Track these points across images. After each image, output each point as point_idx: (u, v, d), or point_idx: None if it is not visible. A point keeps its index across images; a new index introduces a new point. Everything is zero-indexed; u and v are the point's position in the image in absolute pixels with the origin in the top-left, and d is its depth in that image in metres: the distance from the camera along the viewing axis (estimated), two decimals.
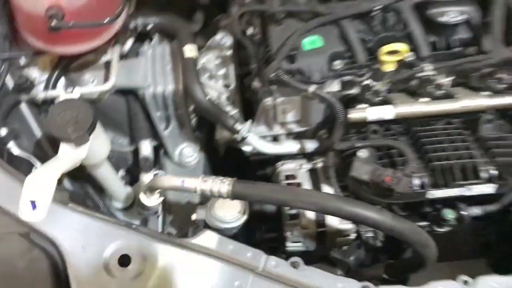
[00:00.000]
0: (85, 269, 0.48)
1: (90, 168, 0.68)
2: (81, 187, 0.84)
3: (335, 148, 0.69)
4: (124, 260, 0.50)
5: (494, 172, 0.65)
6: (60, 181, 0.53)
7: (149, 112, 0.79)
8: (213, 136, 0.85)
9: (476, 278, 0.53)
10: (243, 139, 0.75)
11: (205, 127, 0.90)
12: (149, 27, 0.77)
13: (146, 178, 0.81)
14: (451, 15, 0.66)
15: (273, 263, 0.55)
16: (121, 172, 0.86)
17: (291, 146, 0.78)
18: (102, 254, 0.50)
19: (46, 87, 0.76)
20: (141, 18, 0.77)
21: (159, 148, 0.87)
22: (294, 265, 0.55)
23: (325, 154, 0.76)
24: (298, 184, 0.74)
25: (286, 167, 0.77)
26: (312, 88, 0.66)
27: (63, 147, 0.57)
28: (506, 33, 0.67)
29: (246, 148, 0.81)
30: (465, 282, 0.55)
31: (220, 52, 0.83)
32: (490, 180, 0.65)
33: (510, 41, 0.67)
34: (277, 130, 0.79)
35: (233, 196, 0.60)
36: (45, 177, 0.51)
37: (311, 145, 0.78)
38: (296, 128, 0.79)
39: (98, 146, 0.62)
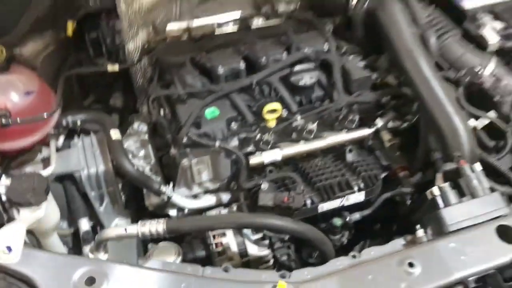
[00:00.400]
0: None
1: (42, 236, 0.79)
2: None
3: (243, 187, 0.88)
4: (91, 281, 0.62)
5: (361, 183, 0.88)
6: None
7: (86, 192, 0.92)
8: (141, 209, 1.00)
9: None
10: (169, 198, 0.91)
11: (133, 205, 1.04)
12: (78, 123, 0.94)
13: (88, 249, 0.92)
14: (306, 80, 0.92)
15: (209, 271, 0.69)
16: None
17: (210, 200, 0.96)
18: (71, 281, 0.62)
19: None
20: (70, 116, 0.94)
21: (96, 227, 0.99)
22: (226, 269, 0.70)
23: (237, 199, 0.94)
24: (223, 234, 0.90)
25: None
26: (218, 143, 0.86)
27: (23, 212, 0.69)
28: (346, 86, 0.94)
29: (172, 213, 0.97)
30: None
31: (139, 137, 1.02)
32: (360, 189, 0.88)
33: (350, 91, 0.94)
34: (196, 190, 0.96)
35: (169, 231, 0.75)
36: (15, 228, 0.63)
37: (225, 196, 0.97)
38: (211, 186, 0.97)
39: (51, 210, 0.75)
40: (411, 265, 0.65)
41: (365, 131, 0.94)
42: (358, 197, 0.87)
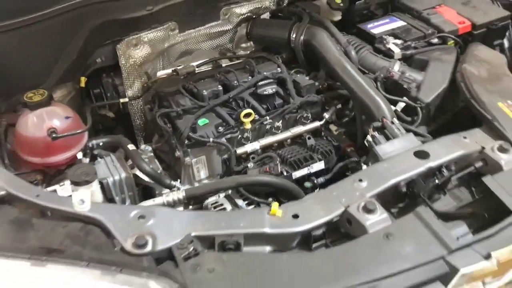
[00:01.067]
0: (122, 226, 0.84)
1: None
2: None
3: (234, 170, 1.17)
4: (141, 217, 0.87)
5: (320, 156, 1.19)
6: None
7: (112, 197, 1.17)
8: None
9: None
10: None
11: None
12: (101, 144, 1.21)
13: None
14: (269, 91, 1.26)
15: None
16: None
17: None
18: (128, 218, 0.86)
19: None
20: (94, 140, 1.21)
21: None
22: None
23: None
24: (221, 205, 1.16)
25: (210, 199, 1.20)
26: (211, 139, 1.16)
27: (81, 189, 0.94)
28: (298, 93, 1.28)
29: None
30: None
31: (146, 155, 1.29)
32: (319, 159, 1.18)
33: (301, 95, 1.27)
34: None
35: (187, 196, 1.02)
36: (83, 190, 0.89)
37: None
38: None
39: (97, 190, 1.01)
40: (360, 180, 0.95)
41: (317, 123, 1.27)
42: (319, 165, 1.17)
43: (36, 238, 0.83)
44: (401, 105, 1.25)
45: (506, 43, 1.50)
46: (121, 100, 1.31)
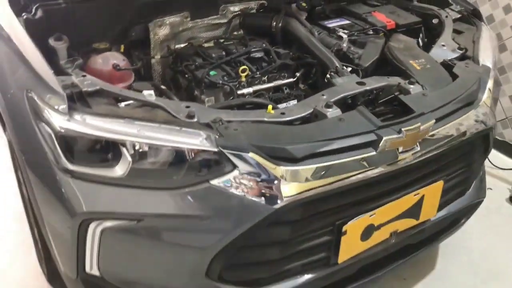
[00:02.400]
0: (175, 108, 1.34)
1: None
2: None
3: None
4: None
5: (293, 97, 1.73)
6: None
7: None
8: None
9: None
10: None
11: None
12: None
13: None
14: (258, 55, 1.80)
15: None
16: None
17: None
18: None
19: None
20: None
21: None
22: None
23: None
24: None
25: None
26: (220, 81, 1.68)
27: None
28: (278, 58, 1.83)
29: None
30: None
31: None
32: (293, 99, 1.72)
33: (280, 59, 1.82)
34: None
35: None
36: None
37: None
38: None
39: None
40: (323, 95, 1.49)
41: (291, 80, 1.81)
42: (293, 103, 1.71)
43: (123, 111, 1.31)
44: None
45: (420, 41, 2.13)
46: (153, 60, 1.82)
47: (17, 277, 2.03)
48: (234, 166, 1.27)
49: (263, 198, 1.27)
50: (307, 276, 1.51)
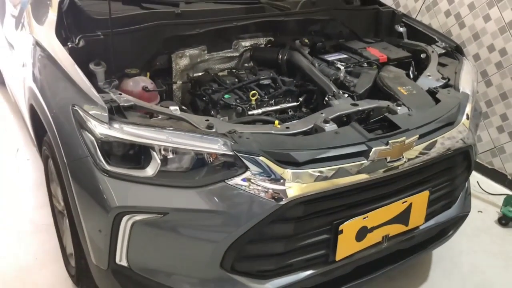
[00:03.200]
0: (197, 121, 1.59)
1: None
2: None
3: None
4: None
5: (297, 119, 1.98)
6: None
7: None
8: None
9: None
10: None
11: None
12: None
13: None
14: (266, 82, 2.07)
15: None
16: None
17: None
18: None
19: None
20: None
21: None
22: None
23: None
24: None
25: None
26: (234, 103, 1.93)
27: None
28: (283, 85, 2.09)
29: None
30: None
31: None
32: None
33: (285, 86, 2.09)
34: None
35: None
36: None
37: None
38: None
39: None
40: (322, 113, 1.74)
41: (295, 103, 2.07)
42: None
43: (154, 121, 1.57)
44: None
45: (410, 74, 2.40)
46: (175, 86, 2.09)
47: (47, 282, 2.23)
48: (247, 168, 1.51)
49: (270, 196, 1.50)
50: (308, 272, 1.71)
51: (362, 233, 1.73)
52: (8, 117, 3.73)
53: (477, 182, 3.10)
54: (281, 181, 1.51)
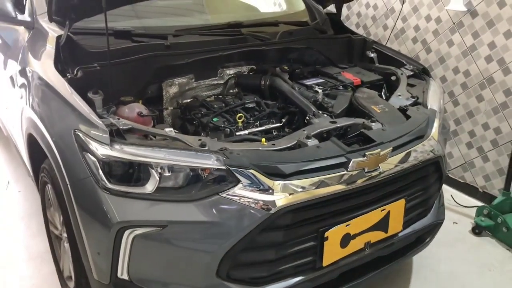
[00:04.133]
0: (190, 140, 1.73)
1: None
2: None
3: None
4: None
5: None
6: None
7: None
8: None
9: None
10: None
11: None
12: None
13: None
14: (251, 105, 2.24)
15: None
16: None
17: None
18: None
19: None
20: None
21: None
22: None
23: None
24: None
25: None
26: (222, 125, 2.09)
27: None
28: (267, 108, 2.26)
29: None
30: None
31: None
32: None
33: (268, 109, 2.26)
34: None
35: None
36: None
37: None
38: None
39: None
40: (304, 130, 1.91)
41: (278, 124, 2.23)
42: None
43: (151, 142, 1.70)
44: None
45: (383, 95, 2.59)
46: (165, 112, 2.24)
47: None
48: (238, 181, 1.65)
49: (261, 205, 1.64)
50: (298, 278, 1.84)
51: (346, 240, 1.87)
52: None
53: (451, 195, 3.28)
54: (270, 191, 1.66)
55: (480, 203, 3.19)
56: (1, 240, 2.76)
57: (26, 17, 2.46)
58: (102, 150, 1.66)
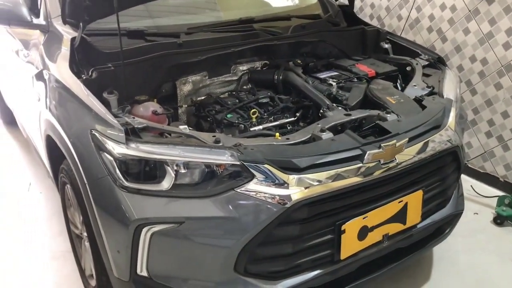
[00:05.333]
0: (204, 136, 1.74)
1: None
2: None
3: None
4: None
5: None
6: None
7: None
8: None
9: None
10: None
11: None
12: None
13: None
14: (265, 100, 2.24)
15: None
16: None
17: None
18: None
19: None
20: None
21: None
22: None
23: None
24: None
25: None
26: (236, 121, 2.09)
27: None
28: (281, 102, 2.26)
29: None
30: None
31: None
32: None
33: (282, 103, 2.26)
34: None
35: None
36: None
37: None
38: None
39: None
40: (318, 124, 1.90)
41: (292, 119, 2.23)
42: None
43: (166, 139, 1.72)
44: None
45: (398, 86, 2.57)
46: (180, 110, 2.25)
47: None
48: (253, 176, 1.65)
49: (276, 200, 1.64)
50: (316, 272, 1.84)
51: (363, 233, 1.86)
52: (17, 155, 3.88)
53: (471, 186, 3.24)
54: (285, 185, 1.66)
55: (501, 193, 3.14)
56: (26, 241, 2.82)
57: (41, 20, 2.50)
58: (118, 149, 1.68)
